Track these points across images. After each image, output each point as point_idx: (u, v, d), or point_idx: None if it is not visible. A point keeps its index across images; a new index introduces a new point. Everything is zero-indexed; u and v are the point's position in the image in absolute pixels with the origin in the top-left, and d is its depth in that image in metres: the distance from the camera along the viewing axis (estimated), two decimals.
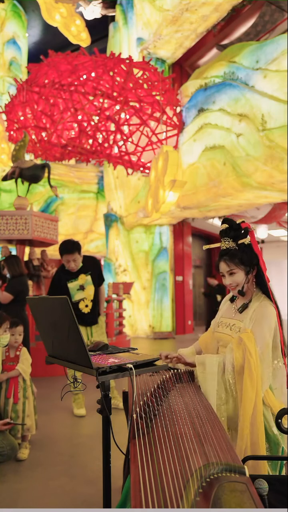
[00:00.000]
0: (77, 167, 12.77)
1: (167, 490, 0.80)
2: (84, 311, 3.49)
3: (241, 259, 1.62)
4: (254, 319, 1.58)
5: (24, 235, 5.58)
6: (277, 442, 1.48)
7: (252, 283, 1.67)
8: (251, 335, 1.51)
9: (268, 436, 1.49)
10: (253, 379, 1.43)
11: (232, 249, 1.63)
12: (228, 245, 1.64)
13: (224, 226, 1.67)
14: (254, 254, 1.62)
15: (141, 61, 7.83)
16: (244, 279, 1.63)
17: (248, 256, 1.62)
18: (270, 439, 1.49)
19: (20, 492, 2.25)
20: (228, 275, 1.66)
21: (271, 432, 1.49)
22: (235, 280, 1.64)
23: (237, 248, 1.63)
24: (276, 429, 1.49)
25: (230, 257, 1.63)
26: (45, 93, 7.25)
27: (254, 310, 1.60)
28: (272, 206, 8.75)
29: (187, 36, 8.26)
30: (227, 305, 1.79)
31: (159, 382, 1.48)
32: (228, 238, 1.65)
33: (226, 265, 1.65)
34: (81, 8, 11.26)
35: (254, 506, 0.74)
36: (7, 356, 2.85)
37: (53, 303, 1.34)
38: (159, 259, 9.84)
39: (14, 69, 12.40)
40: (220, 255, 1.68)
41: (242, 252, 1.62)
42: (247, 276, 1.63)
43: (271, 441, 1.49)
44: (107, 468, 1.36)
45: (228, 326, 1.67)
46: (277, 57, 5.78)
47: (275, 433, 1.49)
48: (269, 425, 1.50)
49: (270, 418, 1.52)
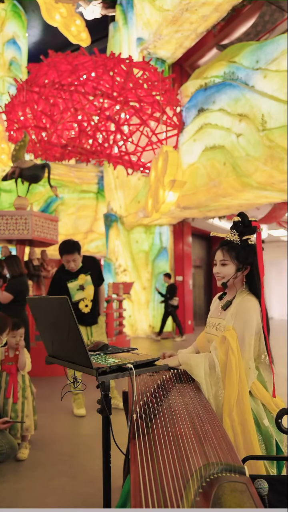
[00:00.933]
0: (77, 167, 12.77)
1: (167, 490, 0.80)
2: (84, 311, 3.50)
3: (237, 254, 1.65)
4: (234, 315, 1.60)
5: (24, 235, 5.58)
6: (270, 434, 1.49)
7: (240, 281, 1.68)
8: (234, 332, 1.54)
9: (260, 429, 1.50)
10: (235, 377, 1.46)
11: (235, 242, 1.66)
12: (233, 238, 1.67)
13: (236, 218, 1.69)
14: (253, 254, 1.63)
15: (141, 61, 7.83)
16: (232, 273, 1.66)
17: (246, 254, 1.64)
18: (261, 431, 1.50)
19: (20, 492, 2.25)
20: (219, 264, 1.69)
21: (262, 425, 1.50)
22: (224, 271, 1.67)
23: (239, 243, 1.65)
24: (267, 421, 1.51)
25: (229, 248, 1.66)
26: (45, 93, 7.25)
27: (235, 306, 1.63)
28: (272, 206, 8.76)
29: (187, 36, 8.26)
30: (216, 304, 1.81)
31: (159, 382, 1.49)
32: (235, 231, 1.68)
33: (221, 254, 1.68)
34: (81, 8, 11.26)
35: (254, 506, 0.74)
36: (6, 356, 2.85)
37: (53, 303, 1.34)
38: (159, 259, 9.83)
39: (14, 69, 12.40)
40: (220, 243, 1.71)
41: (242, 248, 1.64)
42: (237, 272, 1.66)
43: (263, 434, 1.50)
44: (107, 468, 1.36)
45: (214, 326, 1.70)
46: (277, 57, 5.78)
47: (267, 426, 1.50)
48: (260, 418, 1.51)
49: (260, 409, 1.53)
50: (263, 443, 1.49)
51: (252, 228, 1.65)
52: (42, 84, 7.37)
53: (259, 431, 1.49)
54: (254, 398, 1.55)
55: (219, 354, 1.52)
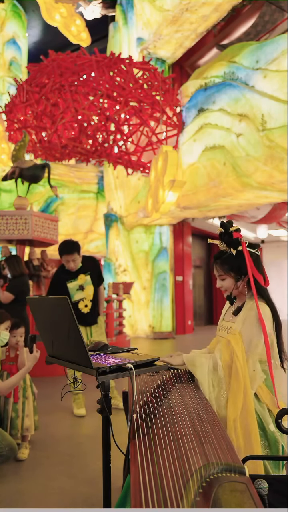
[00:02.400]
0: (77, 167, 12.77)
1: (167, 490, 0.80)
2: (83, 311, 3.49)
3: (231, 266, 1.65)
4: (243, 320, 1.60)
5: (24, 235, 5.58)
6: (275, 439, 1.48)
7: (244, 288, 1.68)
8: (239, 337, 1.53)
9: (266, 434, 1.49)
10: (239, 382, 1.45)
11: (226, 254, 1.67)
12: (223, 248, 1.68)
13: (219, 230, 1.70)
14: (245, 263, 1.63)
15: (141, 61, 7.83)
16: (232, 285, 1.67)
17: (238, 263, 1.64)
18: (268, 437, 1.49)
19: (20, 492, 2.25)
20: (219, 279, 1.71)
21: (268, 429, 1.49)
22: (225, 285, 1.69)
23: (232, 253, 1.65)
24: (273, 426, 1.50)
25: (221, 262, 1.67)
26: (46, 93, 7.25)
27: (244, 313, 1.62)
28: (272, 206, 8.75)
29: (187, 36, 8.26)
30: (227, 308, 1.81)
31: (159, 382, 1.48)
32: (223, 242, 1.68)
33: (216, 270, 1.70)
34: (81, 8, 11.26)
35: (254, 506, 0.74)
36: (7, 356, 2.85)
37: (53, 303, 1.34)
38: (159, 259, 9.83)
39: (14, 69, 12.40)
40: (214, 257, 1.73)
41: (233, 259, 1.64)
42: (237, 283, 1.66)
43: (269, 439, 1.49)
44: (107, 468, 1.36)
45: (226, 329, 1.70)
46: (277, 57, 5.78)
47: (272, 430, 1.49)
48: (266, 423, 1.50)
49: (266, 414, 1.52)
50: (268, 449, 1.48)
51: (235, 241, 1.65)
52: (42, 84, 7.37)
53: (265, 436, 1.48)
54: (260, 402, 1.54)
55: (223, 356, 1.51)
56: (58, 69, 7.27)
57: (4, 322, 2.70)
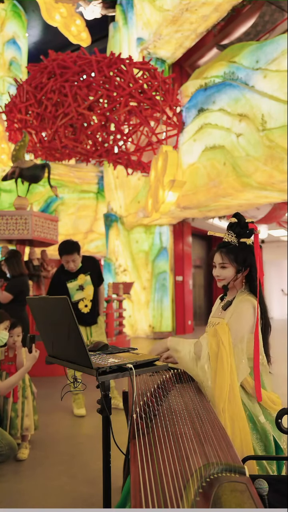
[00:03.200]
0: (77, 167, 12.77)
1: (167, 490, 0.80)
2: (83, 311, 3.49)
3: (236, 256, 1.64)
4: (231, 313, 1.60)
5: (24, 235, 5.58)
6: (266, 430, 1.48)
7: (240, 282, 1.69)
8: (226, 327, 1.53)
9: (256, 426, 1.49)
10: (224, 369, 1.44)
11: (232, 244, 1.66)
12: (230, 239, 1.67)
13: (232, 219, 1.69)
14: (251, 255, 1.63)
15: (141, 61, 7.83)
16: (232, 276, 1.67)
17: (244, 256, 1.64)
18: (258, 429, 1.49)
19: (20, 492, 2.24)
20: (219, 267, 1.69)
21: (258, 422, 1.49)
22: (224, 274, 1.68)
23: (237, 245, 1.65)
24: (263, 418, 1.50)
25: (227, 251, 1.66)
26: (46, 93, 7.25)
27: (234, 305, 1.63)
28: (272, 206, 8.75)
29: (187, 36, 8.26)
30: (217, 304, 1.81)
31: (159, 382, 1.48)
32: (232, 233, 1.67)
33: (220, 257, 1.68)
34: (81, 8, 11.26)
35: (254, 506, 0.74)
36: (6, 356, 2.85)
37: (53, 303, 1.34)
38: (159, 259, 9.83)
39: (14, 69, 12.40)
40: (218, 246, 1.71)
41: (240, 250, 1.64)
42: (237, 274, 1.66)
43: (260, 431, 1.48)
44: (107, 468, 1.36)
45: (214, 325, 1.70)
46: (277, 57, 5.78)
47: (262, 422, 1.49)
48: (255, 415, 1.50)
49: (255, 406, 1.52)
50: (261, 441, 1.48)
51: (249, 230, 1.66)
52: (42, 84, 7.37)
53: (255, 429, 1.48)
54: (249, 395, 1.54)
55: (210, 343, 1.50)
56: (58, 69, 7.27)
57: (3, 322, 2.70)
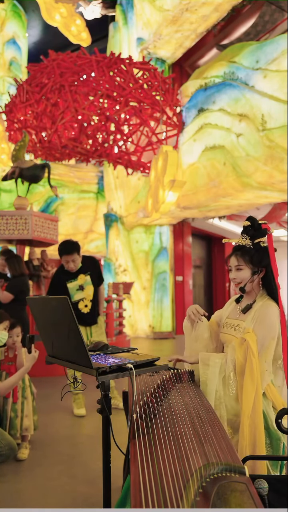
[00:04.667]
0: (77, 167, 12.77)
1: (167, 490, 0.80)
2: (83, 311, 3.49)
3: (251, 258, 1.65)
4: (255, 319, 1.60)
5: (24, 235, 5.57)
6: (278, 437, 1.48)
7: (257, 284, 1.69)
8: (253, 335, 1.54)
9: (270, 432, 1.49)
10: (253, 379, 1.46)
11: (247, 246, 1.66)
12: (245, 243, 1.68)
13: (246, 223, 1.70)
14: (267, 256, 1.64)
15: (141, 61, 7.83)
16: (249, 277, 1.67)
17: (260, 257, 1.65)
18: (271, 435, 1.49)
19: (20, 492, 2.24)
20: (235, 269, 1.69)
21: (272, 427, 1.50)
22: (240, 276, 1.68)
23: (252, 247, 1.66)
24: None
25: (242, 253, 1.67)
26: (46, 93, 7.25)
27: (256, 310, 1.62)
28: (272, 206, 8.75)
29: (187, 36, 8.25)
30: (233, 306, 1.81)
31: (159, 382, 1.48)
32: (246, 236, 1.69)
33: (236, 260, 1.69)
34: (81, 8, 11.26)
35: (254, 506, 0.74)
36: (6, 356, 2.85)
37: (53, 303, 1.34)
38: (159, 259, 9.83)
39: (14, 69, 12.40)
40: (233, 249, 1.72)
41: (255, 252, 1.65)
42: (253, 276, 1.66)
43: (272, 437, 1.49)
44: (107, 468, 1.36)
45: (233, 326, 1.69)
46: (277, 57, 5.78)
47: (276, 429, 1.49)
48: (270, 420, 1.51)
49: (270, 412, 1.53)
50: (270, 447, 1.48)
51: (263, 230, 1.67)
52: (42, 84, 7.37)
53: (268, 434, 1.49)
54: (267, 399, 1.55)
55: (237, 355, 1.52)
56: (58, 69, 7.27)
57: (3, 322, 2.70)
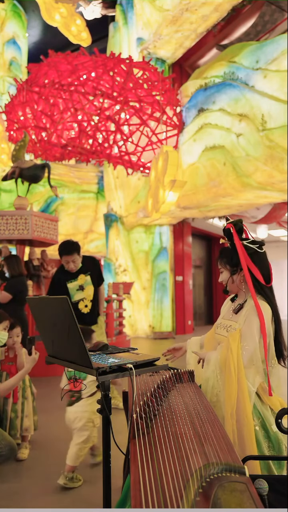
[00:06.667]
0: (77, 167, 12.77)
1: (167, 490, 0.80)
2: (83, 311, 3.49)
3: (228, 259, 1.69)
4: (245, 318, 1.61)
5: (24, 235, 5.58)
6: (279, 440, 1.48)
7: (241, 283, 1.69)
8: (237, 335, 1.55)
9: (269, 435, 1.49)
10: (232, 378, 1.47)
11: (226, 248, 1.72)
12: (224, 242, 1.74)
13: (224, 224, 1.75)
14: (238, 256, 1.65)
15: (141, 61, 7.83)
16: (227, 278, 1.71)
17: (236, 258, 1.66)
18: (271, 438, 1.49)
19: (20, 492, 2.24)
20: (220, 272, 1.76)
21: (271, 430, 1.49)
22: (223, 278, 1.74)
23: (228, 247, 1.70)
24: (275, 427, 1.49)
25: (220, 256, 1.73)
26: (45, 93, 7.25)
27: (247, 310, 1.63)
28: (272, 206, 8.75)
29: (187, 36, 8.25)
30: (228, 306, 1.81)
31: (159, 382, 1.48)
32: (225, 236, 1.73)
33: (218, 263, 1.76)
34: (81, 8, 11.26)
35: (254, 506, 0.74)
36: (6, 356, 2.85)
37: (53, 303, 1.34)
38: (159, 259, 9.83)
39: (14, 69, 12.40)
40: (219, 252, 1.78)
41: (229, 252, 1.69)
42: (232, 276, 1.69)
43: (272, 440, 1.49)
44: (107, 468, 1.36)
45: (225, 327, 1.71)
46: (277, 57, 5.78)
47: (275, 431, 1.49)
48: (268, 423, 1.50)
49: (268, 414, 1.52)
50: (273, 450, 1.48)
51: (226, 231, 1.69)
52: (42, 84, 7.37)
53: (268, 437, 1.49)
54: (263, 403, 1.55)
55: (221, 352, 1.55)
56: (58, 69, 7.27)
57: (2, 322, 2.70)
